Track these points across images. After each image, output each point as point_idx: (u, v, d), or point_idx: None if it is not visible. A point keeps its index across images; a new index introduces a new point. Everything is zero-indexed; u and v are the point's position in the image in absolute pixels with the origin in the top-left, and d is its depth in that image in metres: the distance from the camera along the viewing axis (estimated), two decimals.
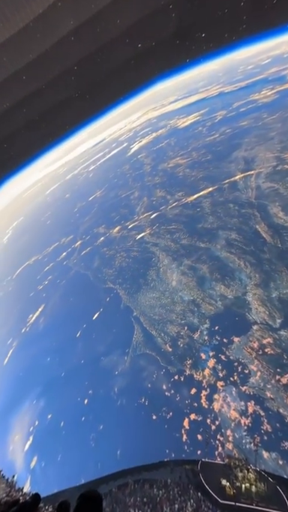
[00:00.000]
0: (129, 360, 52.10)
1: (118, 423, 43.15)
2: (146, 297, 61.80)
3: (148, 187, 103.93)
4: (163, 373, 46.43)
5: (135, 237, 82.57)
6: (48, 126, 64.82)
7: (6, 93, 41.46)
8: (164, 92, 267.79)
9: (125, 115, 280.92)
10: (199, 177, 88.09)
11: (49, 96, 51.14)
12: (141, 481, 19.27)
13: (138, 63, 61.64)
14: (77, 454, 41.93)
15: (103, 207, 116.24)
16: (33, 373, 63.30)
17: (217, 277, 55.31)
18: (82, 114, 73.59)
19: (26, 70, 39.26)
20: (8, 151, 60.50)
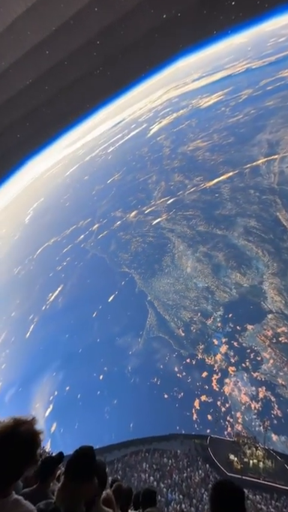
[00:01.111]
0: (142, 341, 53.93)
1: (131, 399, 45.64)
2: (160, 282, 62.56)
3: (166, 171, 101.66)
4: (175, 356, 47.81)
5: (152, 222, 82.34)
6: (68, 104, 64.19)
7: (28, 68, 41.18)
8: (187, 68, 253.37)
9: (145, 94, 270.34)
10: (219, 161, 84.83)
11: (70, 72, 50.16)
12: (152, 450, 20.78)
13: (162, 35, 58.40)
14: (92, 424, 45.17)
15: (121, 191, 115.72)
16: (52, 348, 67.26)
17: (233, 265, 54.68)
18: (102, 92, 71.89)
19: (47, 43, 38.61)
20: (29, 130, 60.91)
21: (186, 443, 21.47)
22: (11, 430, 1.20)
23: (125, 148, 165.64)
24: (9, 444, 1.17)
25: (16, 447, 1.17)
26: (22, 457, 1.18)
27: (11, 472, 1.17)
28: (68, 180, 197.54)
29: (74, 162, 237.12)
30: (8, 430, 1.20)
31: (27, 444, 1.20)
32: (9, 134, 58.92)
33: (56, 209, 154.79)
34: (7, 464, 1.16)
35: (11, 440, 1.17)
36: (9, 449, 1.16)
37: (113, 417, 45.13)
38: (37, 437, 1.24)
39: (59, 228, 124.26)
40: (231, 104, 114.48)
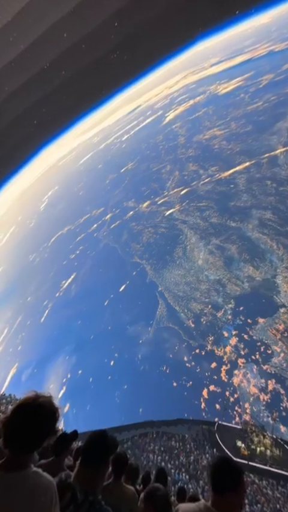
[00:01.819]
0: (152, 331, 54.85)
1: (141, 385, 47.04)
2: (171, 273, 62.70)
3: (181, 161, 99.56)
4: (185, 346, 48.37)
5: (164, 213, 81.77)
6: (85, 89, 63.76)
7: (45, 51, 41.01)
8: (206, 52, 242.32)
9: (162, 79, 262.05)
10: (236, 150, 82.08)
11: (87, 55, 49.50)
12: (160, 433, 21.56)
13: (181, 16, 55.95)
14: (103, 406, 47.14)
15: (134, 180, 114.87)
16: (65, 333, 69.88)
17: (246, 258, 53.83)
18: (119, 77, 70.67)
19: (64, 25, 38.09)
20: (45, 116, 61.30)
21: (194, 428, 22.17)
22: (32, 401, 1.28)
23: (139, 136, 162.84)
24: (31, 414, 1.24)
25: (38, 417, 1.24)
26: (43, 427, 1.26)
27: (32, 442, 1.25)
28: (82, 168, 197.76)
29: (89, 149, 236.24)
30: (30, 402, 1.27)
31: (49, 415, 1.28)
32: (26, 120, 59.52)
33: (70, 198, 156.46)
34: (29, 433, 1.23)
35: (34, 410, 1.25)
36: (32, 420, 1.23)
37: (123, 401, 46.85)
38: (57, 410, 1.34)
39: (73, 217, 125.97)
40: (250, 90, 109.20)
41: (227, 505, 1.41)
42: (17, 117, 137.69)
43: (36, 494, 1.19)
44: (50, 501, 1.21)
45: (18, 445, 1.23)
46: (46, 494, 1.21)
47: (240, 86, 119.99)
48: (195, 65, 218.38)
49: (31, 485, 1.20)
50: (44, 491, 1.21)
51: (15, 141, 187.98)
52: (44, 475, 1.28)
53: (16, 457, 1.24)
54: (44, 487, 1.23)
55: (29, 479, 1.21)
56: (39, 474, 1.27)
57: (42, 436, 1.28)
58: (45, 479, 1.27)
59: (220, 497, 1.43)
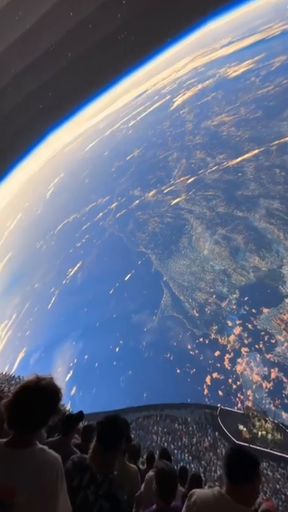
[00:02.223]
0: (157, 319, 55.63)
1: (145, 371, 48.26)
2: (176, 263, 62.74)
3: (188, 148, 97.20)
4: (189, 334, 49.03)
5: (170, 202, 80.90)
6: (91, 71, 61.91)
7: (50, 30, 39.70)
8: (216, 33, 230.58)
9: (170, 62, 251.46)
10: (245, 137, 79.61)
11: (94, 36, 47.79)
12: (163, 416, 22.32)
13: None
14: (108, 390, 48.76)
15: (140, 168, 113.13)
16: (72, 320, 71.55)
17: (252, 248, 53.34)
18: (126, 59, 68.19)
19: (70, 2, 36.57)
20: (52, 99, 60.17)
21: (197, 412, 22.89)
22: (34, 383, 1.33)
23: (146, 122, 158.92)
24: (34, 395, 1.29)
25: (40, 398, 1.29)
26: (46, 407, 1.31)
27: (35, 422, 1.30)
28: (87, 156, 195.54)
29: (95, 136, 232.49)
30: (32, 383, 1.33)
31: (51, 396, 1.33)
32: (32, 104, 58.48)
33: (76, 185, 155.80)
34: (33, 413, 1.27)
35: (36, 392, 1.30)
36: (34, 400, 1.28)
37: (128, 386, 48.30)
38: (59, 391, 1.39)
39: (79, 205, 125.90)
40: (262, 73, 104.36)
41: (242, 494, 1.40)
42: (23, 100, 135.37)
43: (42, 470, 1.22)
44: (56, 476, 1.24)
45: (22, 426, 1.27)
46: (52, 469, 1.24)
47: (251, 69, 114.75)
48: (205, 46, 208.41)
49: (37, 461, 1.23)
50: (49, 467, 1.24)
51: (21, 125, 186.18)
52: (49, 451, 1.32)
53: (21, 436, 1.28)
54: (50, 462, 1.27)
55: (35, 456, 1.25)
56: (45, 451, 1.31)
57: (45, 416, 1.32)
58: (50, 455, 1.31)
59: (236, 488, 1.42)
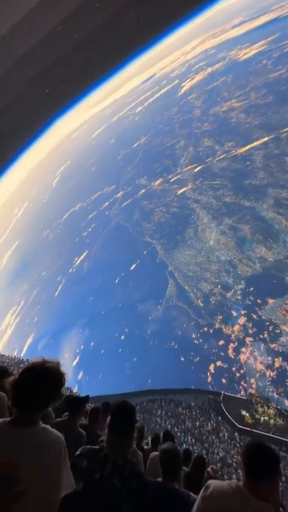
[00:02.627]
0: (162, 309, 56.23)
1: (150, 359, 49.31)
2: (182, 253, 62.63)
3: (196, 135, 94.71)
4: (193, 324, 49.55)
5: (177, 191, 79.85)
6: (98, 53, 59.98)
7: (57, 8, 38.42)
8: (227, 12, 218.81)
9: (179, 44, 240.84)
10: (254, 124, 77.01)
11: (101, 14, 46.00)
12: (167, 400, 22.99)
13: None
14: (114, 376, 50.10)
15: (146, 156, 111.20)
16: (78, 308, 72.85)
17: (259, 239, 52.74)
18: (135, 40, 65.48)
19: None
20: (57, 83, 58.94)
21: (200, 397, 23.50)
22: (40, 364, 1.37)
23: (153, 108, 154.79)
24: (38, 376, 1.32)
25: (44, 380, 1.32)
26: (49, 389, 1.34)
27: (38, 402, 1.33)
28: (94, 143, 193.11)
29: (101, 122, 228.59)
30: (38, 365, 1.37)
31: (54, 378, 1.36)
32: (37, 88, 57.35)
33: (82, 174, 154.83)
34: (35, 394, 1.30)
35: (40, 373, 1.33)
36: (38, 381, 1.31)
37: (133, 372, 49.55)
38: (63, 375, 1.42)
39: (85, 194, 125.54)
40: (274, 55, 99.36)
41: (261, 490, 1.36)
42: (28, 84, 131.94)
43: (45, 448, 1.26)
44: (59, 454, 1.28)
45: (25, 406, 1.30)
46: (55, 448, 1.28)
47: (263, 51, 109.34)
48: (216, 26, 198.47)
49: (40, 440, 1.27)
50: (53, 445, 1.28)
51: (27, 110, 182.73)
52: (52, 430, 1.36)
53: (24, 416, 1.31)
54: (53, 441, 1.30)
55: (38, 435, 1.29)
56: (48, 430, 1.35)
57: (47, 399, 1.35)
58: (53, 434, 1.34)
59: (254, 484, 1.38)
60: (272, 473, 1.36)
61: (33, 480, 1.16)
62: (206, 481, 1.67)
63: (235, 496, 1.37)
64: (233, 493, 1.38)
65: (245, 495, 1.35)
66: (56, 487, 1.23)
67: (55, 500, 1.22)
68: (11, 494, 1.12)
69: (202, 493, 1.49)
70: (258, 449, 1.43)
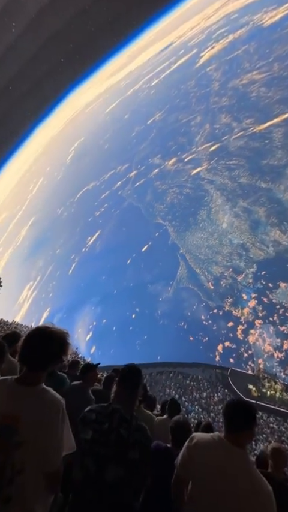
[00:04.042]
0: (172, 290, 57.14)
1: (160, 337, 51.09)
2: (194, 236, 62.14)
3: (213, 111, 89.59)
4: (203, 306, 50.33)
5: (191, 172, 77.55)
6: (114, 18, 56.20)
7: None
8: None
9: (200, 7, 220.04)
10: (275, 98, 71.74)
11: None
12: (176, 372, 24.25)
13: None
14: (125, 351, 52.51)
15: (161, 134, 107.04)
16: (91, 286, 75.32)
17: (274, 222, 51.33)
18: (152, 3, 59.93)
19: None
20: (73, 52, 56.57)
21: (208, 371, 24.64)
22: (45, 327, 1.46)
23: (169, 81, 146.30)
24: (41, 336, 1.42)
25: (46, 341, 1.40)
26: (51, 348, 1.41)
27: (39, 360, 1.41)
28: (108, 118, 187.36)
29: (116, 96, 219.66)
30: (42, 328, 1.46)
31: (56, 341, 1.43)
32: (52, 55, 55.06)
33: (95, 151, 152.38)
34: (37, 352, 1.39)
35: (44, 334, 1.42)
36: (40, 341, 1.40)
37: (143, 349, 51.78)
38: (65, 340, 1.48)
39: (98, 172, 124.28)
40: None
41: (239, 440, 1.53)
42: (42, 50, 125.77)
43: (44, 407, 1.35)
44: (56, 414, 1.35)
45: (28, 363, 1.40)
46: (53, 408, 1.36)
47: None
48: None
49: (40, 399, 1.37)
50: (51, 405, 1.37)
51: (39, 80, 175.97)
52: (53, 392, 1.44)
53: (30, 374, 1.41)
54: (52, 402, 1.38)
55: (39, 394, 1.39)
56: (49, 391, 1.43)
57: (49, 358, 1.43)
58: (53, 395, 1.42)
59: (234, 434, 1.54)
60: (251, 424, 1.55)
61: (31, 433, 1.26)
62: None
63: (216, 444, 1.53)
64: (214, 442, 1.55)
65: (226, 444, 1.51)
66: (55, 441, 1.32)
67: (54, 454, 1.32)
68: (12, 442, 1.23)
69: (187, 443, 1.63)
70: (239, 404, 1.60)
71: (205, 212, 64.38)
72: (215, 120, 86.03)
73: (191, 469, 1.57)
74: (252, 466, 1.48)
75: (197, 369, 24.64)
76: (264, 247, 49.92)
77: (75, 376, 3.98)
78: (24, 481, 1.22)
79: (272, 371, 33.40)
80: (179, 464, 1.66)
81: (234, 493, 1.39)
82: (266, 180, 58.12)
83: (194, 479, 1.58)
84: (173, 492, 1.74)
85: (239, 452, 1.49)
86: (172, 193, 77.35)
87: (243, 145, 69.32)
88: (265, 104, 73.28)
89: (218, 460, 1.48)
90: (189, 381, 22.35)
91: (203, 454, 1.54)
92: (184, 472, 1.63)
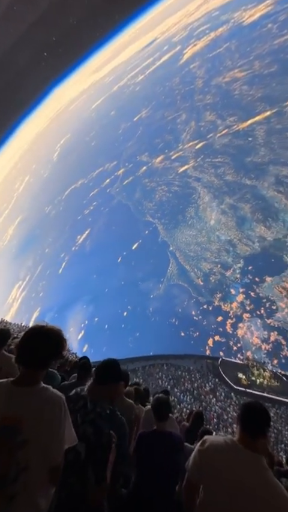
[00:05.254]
0: (163, 287, 57.93)
1: (151, 334, 51.72)
2: (183, 233, 63.11)
3: (197, 109, 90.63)
4: (193, 302, 51.36)
5: (178, 169, 78.38)
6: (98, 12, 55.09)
7: None
8: None
9: (182, 3, 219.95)
10: (257, 96, 73.45)
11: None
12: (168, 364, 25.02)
13: None
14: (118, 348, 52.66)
15: (147, 131, 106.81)
16: (82, 285, 74.60)
17: (259, 218, 53.05)
18: None
19: None
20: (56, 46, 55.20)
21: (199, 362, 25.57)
22: (41, 326, 1.47)
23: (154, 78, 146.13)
24: (38, 335, 1.43)
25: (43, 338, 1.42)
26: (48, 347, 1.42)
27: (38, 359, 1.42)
28: (93, 115, 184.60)
29: (101, 92, 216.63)
30: (39, 326, 1.47)
31: (53, 338, 1.45)
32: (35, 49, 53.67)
33: (82, 148, 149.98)
34: (36, 351, 1.40)
35: (40, 332, 1.44)
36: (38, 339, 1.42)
37: (135, 346, 52.19)
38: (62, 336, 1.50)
39: (86, 170, 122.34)
40: (280, 18, 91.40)
41: (254, 444, 1.48)
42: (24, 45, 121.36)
43: (46, 405, 1.37)
44: (59, 411, 1.38)
45: (27, 362, 1.41)
46: (55, 405, 1.38)
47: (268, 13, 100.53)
48: None
49: (41, 398, 1.38)
50: (53, 403, 1.38)
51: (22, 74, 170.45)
52: (53, 390, 1.45)
53: (27, 374, 1.42)
54: (53, 400, 1.39)
55: (39, 393, 1.40)
56: (49, 389, 1.44)
57: (47, 356, 1.44)
58: (54, 393, 1.43)
59: (249, 439, 1.49)
60: (267, 429, 1.53)
61: (35, 432, 1.29)
62: None
63: (229, 448, 1.49)
64: (228, 446, 1.50)
65: (240, 448, 1.47)
66: (57, 438, 1.35)
67: (57, 450, 1.36)
68: (16, 442, 1.25)
69: (199, 447, 1.58)
70: (256, 408, 1.55)
71: (193, 209, 65.46)
72: (200, 117, 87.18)
73: (203, 473, 1.53)
74: (267, 471, 1.43)
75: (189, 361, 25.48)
76: (250, 243, 51.50)
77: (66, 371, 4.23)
78: (29, 477, 1.26)
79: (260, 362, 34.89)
80: (190, 468, 1.60)
81: (247, 498, 1.35)
82: (250, 177, 59.77)
83: (205, 484, 1.54)
84: (185, 497, 1.69)
85: (253, 456, 1.45)
86: (161, 190, 78.01)
87: (228, 143, 70.80)
88: (247, 101, 74.97)
89: (231, 465, 1.44)
90: (181, 372, 23.16)
91: (216, 458, 1.50)
92: (195, 476, 1.58)
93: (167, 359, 25.84)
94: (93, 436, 1.56)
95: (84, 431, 1.56)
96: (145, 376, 22.66)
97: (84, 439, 1.54)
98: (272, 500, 1.31)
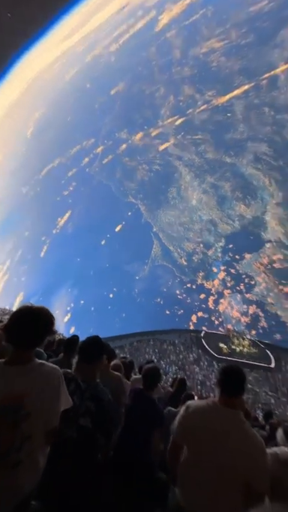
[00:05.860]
0: (148, 268, 58.66)
1: (138, 314, 52.92)
2: (166, 214, 63.07)
3: (175, 82, 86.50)
4: (177, 281, 52.75)
5: (158, 147, 76.34)
6: None
7: None
8: None
9: None
10: (235, 69, 71.00)
11: None
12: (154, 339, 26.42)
13: None
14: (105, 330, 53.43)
15: (126, 105, 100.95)
16: (66, 268, 73.52)
17: (238, 196, 53.95)
18: None
19: None
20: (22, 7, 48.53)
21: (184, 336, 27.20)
22: (28, 306, 1.51)
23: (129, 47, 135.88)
24: (28, 314, 1.46)
25: (33, 316, 1.45)
26: (39, 324, 1.46)
27: (31, 336, 1.45)
28: (68, 87, 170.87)
29: (74, 62, 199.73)
30: (26, 307, 1.51)
31: (43, 316, 1.49)
32: None
33: (58, 124, 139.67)
34: (28, 329, 1.42)
35: (29, 312, 1.47)
36: (29, 318, 1.44)
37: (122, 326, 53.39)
38: (50, 314, 1.55)
39: (63, 148, 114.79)
40: None
41: (233, 404, 1.61)
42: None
43: (45, 378, 1.43)
44: (58, 382, 1.45)
45: (18, 342, 1.43)
46: (54, 378, 1.45)
47: None
48: None
49: (39, 372, 1.43)
50: (51, 375, 1.45)
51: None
52: (48, 363, 1.51)
53: (21, 353, 1.44)
54: (51, 372, 1.46)
55: (36, 368, 1.44)
56: (44, 363, 1.49)
57: (38, 334, 1.47)
58: (50, 366, 1.49)
59: (229, 399, 1.62)
60: (243, 389, 1.68)
61: (36, 405, 1.35)
62: None
63: (211, 409, 1.63)
64: (209, 407, 1.64)
65: (220, 407, 1.61)
66: (56, 405, 1.43)
67: (55, 416, 1.44)
68: (19, 416, 1.31)
69: (183, 413, 1.70)
70: (232, 370, 1.69)
71: (175, 189, 65.09)
72: (178, 92, 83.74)
73: (188, 434, 1.66)
74: (244, 423, 1.56)
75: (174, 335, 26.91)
76: (231, 221, 52.73)
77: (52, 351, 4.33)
78: (32, 445, 1.34)
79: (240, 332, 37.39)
80: (175, 430, 1.72)
81: (226, 450, 1.48)
82: (230, 154, 59.74)
83: (189, 443, 1.67)
84: (169, 457, 1.79)
85: (232, 413, 1.59)
86: (142, 170, 76.09)
87: (207, 119, 69.34)
88: (225, 74, 72.65)
89: (212, 422, 1.58)
90: (167, 346, 24.54)
91: (199, 418, 1.63)
92: (180, 437, 1.70)
93: (153, 335, 27.07)
94: (96, 409, 1.67)
95: (86, 407, 1.67)
96: (132, 351, 23.79)
97: (88, 414, 1.65)
98: (249, 451, 1.46)
